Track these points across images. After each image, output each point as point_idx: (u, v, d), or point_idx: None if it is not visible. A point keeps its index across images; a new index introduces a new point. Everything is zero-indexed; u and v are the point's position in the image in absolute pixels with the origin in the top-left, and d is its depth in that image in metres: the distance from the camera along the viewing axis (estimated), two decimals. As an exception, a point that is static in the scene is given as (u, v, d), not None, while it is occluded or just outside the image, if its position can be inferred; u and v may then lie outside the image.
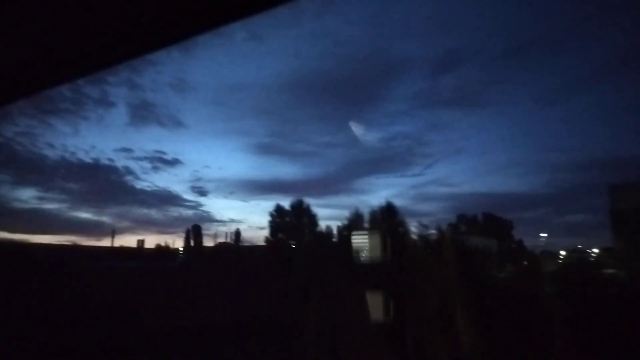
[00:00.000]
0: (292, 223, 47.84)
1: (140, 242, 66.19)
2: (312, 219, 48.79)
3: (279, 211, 50.61)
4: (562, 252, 43.98)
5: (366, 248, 48.75)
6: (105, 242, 60.70)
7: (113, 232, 59.47)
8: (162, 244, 67.37)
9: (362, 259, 45.69)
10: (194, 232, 58.89)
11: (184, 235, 61.52)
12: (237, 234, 53.55)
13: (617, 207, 37.11)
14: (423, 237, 48.54)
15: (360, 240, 54.51)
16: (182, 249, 56.44)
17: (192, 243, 53.94)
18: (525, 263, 40.38)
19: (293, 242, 43.09)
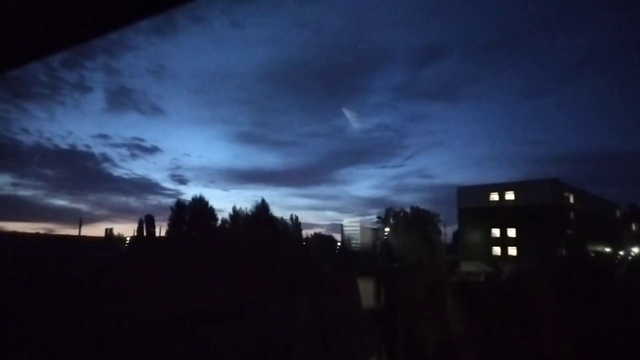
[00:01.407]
0: (191, 217, 49.89)
1: (109, 231, 59.05)
2: (212, 214, 51.59)
3: (179, 206, 51.71)
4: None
5: (357, 237, 53.44)
6: (80, 231, 52.49)
7: (80, 221, 52.31)
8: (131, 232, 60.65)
9: (353, 246, 50.13)
10: (147, 222, 55.17)
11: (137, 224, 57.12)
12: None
13: (460, 206, 51.51)
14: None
15: (351, 229, 58.99)
16: (129, 238, 52.86)
17: (144, 233, 51.55)
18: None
19: (195, 235, 45.94)
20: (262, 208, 45.74)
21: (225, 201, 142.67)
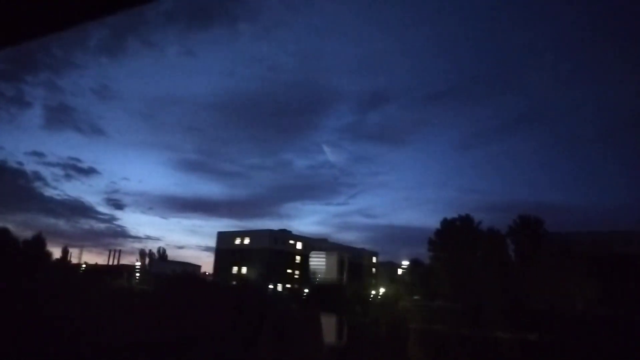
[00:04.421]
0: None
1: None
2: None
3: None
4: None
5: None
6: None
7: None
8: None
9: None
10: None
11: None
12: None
13: (217, 247, 63.81)
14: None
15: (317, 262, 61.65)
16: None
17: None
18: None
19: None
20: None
21: (164, 229, 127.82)
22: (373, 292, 64.64)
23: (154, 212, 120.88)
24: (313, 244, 65.03)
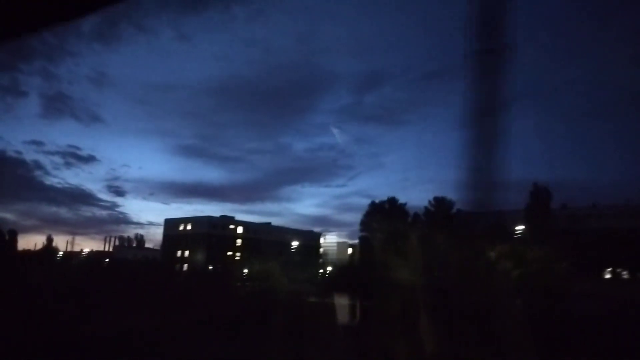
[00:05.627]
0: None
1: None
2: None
3: None
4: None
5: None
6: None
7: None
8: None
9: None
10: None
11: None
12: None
13: (165, 233, 70.70)
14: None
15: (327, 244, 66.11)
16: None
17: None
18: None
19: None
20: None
21: (165, 215, 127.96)
22: (321, 271, 70.98)
23: (155, 198, 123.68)
24: (255, 227, 71.45)
